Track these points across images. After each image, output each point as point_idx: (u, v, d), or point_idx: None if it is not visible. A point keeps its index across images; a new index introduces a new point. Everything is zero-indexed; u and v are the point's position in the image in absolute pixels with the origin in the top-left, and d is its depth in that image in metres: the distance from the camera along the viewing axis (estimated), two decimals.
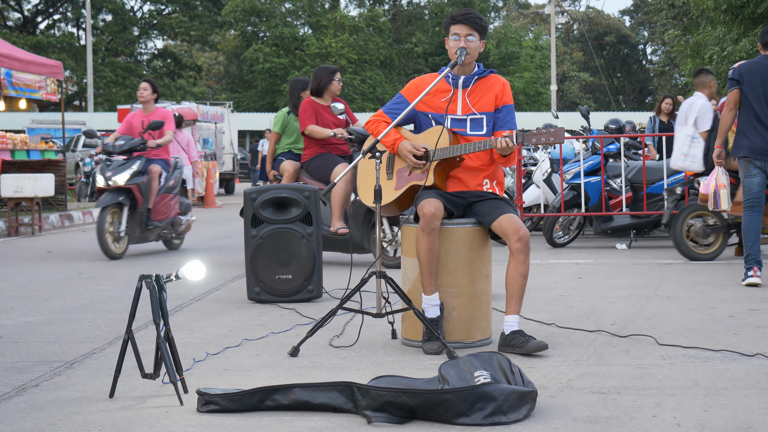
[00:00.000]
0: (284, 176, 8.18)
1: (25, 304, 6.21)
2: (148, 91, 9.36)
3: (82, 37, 49.29)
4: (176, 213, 9.62)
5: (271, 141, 8.60)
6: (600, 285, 6.76)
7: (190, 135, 15.64)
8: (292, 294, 6.12)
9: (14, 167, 13.18)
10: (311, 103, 8.03)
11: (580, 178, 9.58)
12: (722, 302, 5.87)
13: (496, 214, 4.46)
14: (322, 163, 7.94)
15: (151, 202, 9.10)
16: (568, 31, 60.71)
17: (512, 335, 4.37)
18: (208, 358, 4.38)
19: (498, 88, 4.63)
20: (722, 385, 3.72)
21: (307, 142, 8.08)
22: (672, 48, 26.44)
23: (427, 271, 4.42)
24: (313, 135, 7.91)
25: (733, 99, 6.76)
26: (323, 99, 8.12)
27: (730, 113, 6.82)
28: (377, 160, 4.44)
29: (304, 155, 8.13)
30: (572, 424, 3.21)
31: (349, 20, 48.50)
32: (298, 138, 8.41)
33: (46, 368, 4.22)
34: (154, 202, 9.14)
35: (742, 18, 18.25)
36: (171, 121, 9.36)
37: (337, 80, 8.12)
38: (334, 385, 3.42)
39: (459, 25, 4.57)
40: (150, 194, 9.09)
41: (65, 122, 18.09)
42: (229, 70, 56.44)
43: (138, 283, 3.59)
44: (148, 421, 3.33)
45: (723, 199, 7.25)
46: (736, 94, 6.76)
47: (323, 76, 8.10)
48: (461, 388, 3.25)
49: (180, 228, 9.70)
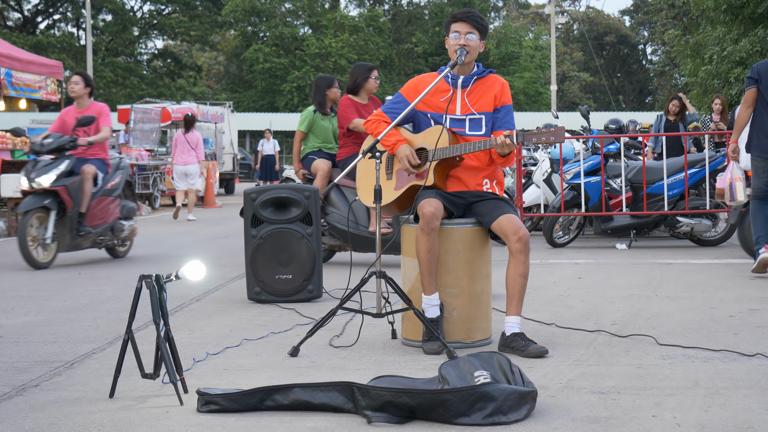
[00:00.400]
0: (318, 175, 8.00)
1: (25, 304, 6.21)
2: (80, 86, 8.60)
3: (82, 37, 49.30)
4: (116, 218, 8.83)
5: (297, 140, 8.36)
6: (600, 285, 6.76)
7: (200, 135, 15.90)
8: (292, 294, 6.12)
9: (14, 167, 13.17)
10: (350, 99, 7.89)
11: (580, 178, 9.58)
12: (722, 302, 5.87)
13: (496, 215, 4.46)
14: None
15: (83, 206, 8.34)
16: (568, 31, 60.73)
17: (513, 337, 4.37)
18: (208, 358, 4.38)
19: (497, 89, 4.63)
20: (722, 385, 3.72)
21: (343, 140, 7.92)
22: (672, 48, 26.45)
23: (426, 271, 4.42)
24: (358, 129, 7.75)
25: (751, 97, 6.97)
26: (360, 97, 7.99)
27: (747, 111, 7.00)
28: (377, 160, 4.44)
29: (340, 154, 7.99)
30: (572, 424, 3.21)
31: (349, 20, 48.51)
32: (328, 137, 8.27)
33: (46, 368, 4.22)
34: (87, 205, 8.38)
35: (742, 18, 18.25)
36: (106, 116, 8.58)
37: (374, 78, 7.98)
38: (334, 385, 3.42)
39: (459, 23, 4.57)
40: (82, 197, 8.32)
41: None
42: (229, 70, 56.46)
43: (138, 283, 3.59)
44: (148, 421, 3.33)
45: (738, 191, 7.36)
46: (754, 93, 6.96)
47: (360, 73, 7.96)
48: (461, 388, 3.25)
49: (122, 234, 8.91)
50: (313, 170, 8.11)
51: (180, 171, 15.34)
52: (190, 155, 15.27)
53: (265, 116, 42.62)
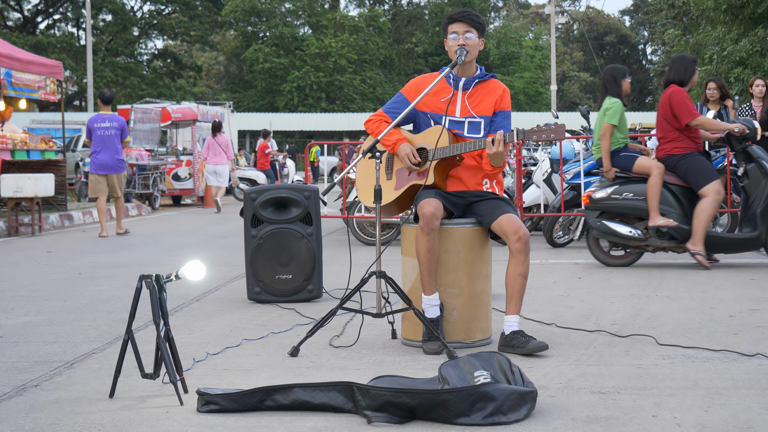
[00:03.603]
0: (655, 173, 7.57)
1: (25, 304, 6.21)
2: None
3: (82, 37, 49.31)
4: None
5: (607, 135, 7.77)
6: (600, 285, 6.76)
7: (228, 137, 18.11)
8: (292, 294, 6.12)
9: (14, 167, 13.17)
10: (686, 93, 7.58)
11: (580, 178, 9.58)
12: (722, 302, 5.87)
13: (496, 214, 4.46)
14: (694, 164, 7.50)
15: None
16: (568, 31, 60.73)
17: (512, 335, 4.38)
18: (208, 358, 4.38)
19: (498, 94, 4.63)
20: (722, 385, 3.72)
21: (676, 135, 7.55)
22: (672, 48, 26.45)
23: (426, 271, 4.42)
24: (704, 127, 7.55)
25: None
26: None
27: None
28: (377, 160, 4.44)
29: (676, 149, 7.57)
30: (572, 424, 3.22)
31: (349, 20, 48.53)
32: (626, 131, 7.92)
33: (46, 368, 4.22)
34: None
35: (742, 18, 18.26)
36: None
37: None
38: (334, 385, 3.42)
39: (456, 24, 4.58)
40: None
41: (65, 122, 18.09)
42: (229, 70, 56.46)
43: (138, 283, 3.59)
44: (148, 421, 3.33)
45: None
46: None
47: (688, 65, 7.62)
48: (461, 388, 3.25)
49: None
50: (639, 170, 7.68)
51: (212, 170, 17.46)
52: (220, 156, 17.34)
53: (265, 116, 42.61)
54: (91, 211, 14.86)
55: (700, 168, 7.49)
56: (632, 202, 7.68)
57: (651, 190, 7.52)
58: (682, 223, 7.53)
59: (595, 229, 7.76)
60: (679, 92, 7.53)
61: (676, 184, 7.65)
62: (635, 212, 7.68)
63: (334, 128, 44.17)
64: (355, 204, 9.92)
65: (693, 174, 7.49)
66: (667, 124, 7.61)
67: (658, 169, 7.54)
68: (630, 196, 7.68)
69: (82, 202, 18.06)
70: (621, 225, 7.68)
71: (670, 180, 7.64)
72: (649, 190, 7.53)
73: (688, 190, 7.62)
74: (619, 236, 7.67)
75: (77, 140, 24.64)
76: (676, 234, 7.55)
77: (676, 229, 7.52)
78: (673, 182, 7.65)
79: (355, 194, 9.83)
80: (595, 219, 7.79)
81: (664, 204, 7.60)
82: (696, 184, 7.50)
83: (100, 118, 11.90)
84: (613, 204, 7.74)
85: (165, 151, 21.36)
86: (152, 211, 17.83)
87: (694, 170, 7.49)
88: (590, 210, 7.89)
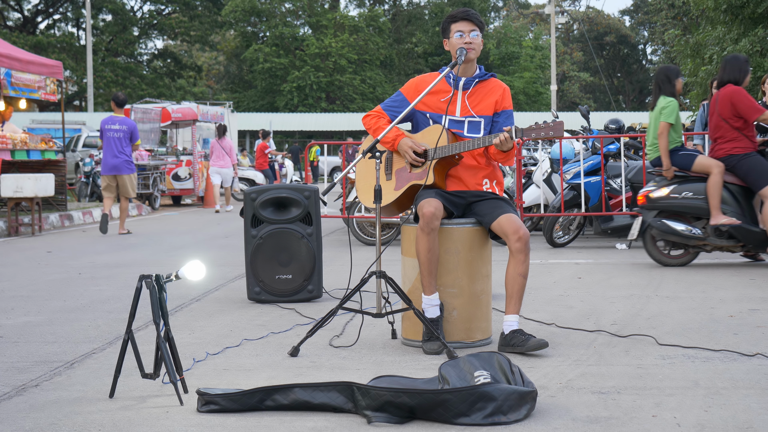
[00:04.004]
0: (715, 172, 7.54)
1: (25, 304, 6.21)
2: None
3: (82, 37, 49.31)
4: None
5: (664, 134, 7.70)
6: (600, 285, 6.76)
7: (231, 142, 18.60)
8: (292, 294, 6.12)
9: (14, 167, 13.17)
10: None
11: (580, 178, 9.58)
12: (722, 302, 5.87)
13: (496, 214, 4.46)
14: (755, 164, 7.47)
15: None
16: (568, 31, 60.73)
17: (512, 334, 4.38)
18: (208, 358, 4.38)
19: (498, 94, 4.64)
20: (722, 385, 3.72)
21: (735, 134, 7.52)
22: (672, 48, 26.43)
23: (426, 271, 4.42)
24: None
25: None
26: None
27: None
28: (377, 160, 4.44)
29: (736, 148, 7.54)
30: (572, 424, 3.22)
31: (349, 20, 48.53)
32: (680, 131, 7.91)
33: (46, 368, 4.22)
34: None
35: (742, 18, 18.24)
36: None
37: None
38: (334, 385, 3.42)
39: (461, 23, 4.58)
40: None
41: (65, 122, 18.09)
42: (229, 70, 56.46)
43: (138, 283, 3.59)
44: (148, 421, 3.33)
45: None
46: None
47: (741, 65, 7.61)
48: (461, 388, 3.25)
49: None
50: (699, 168, 7.67)
51: (215, 172, 18.05)
52: (224, 159, 17.85)
53: (265, 116, 42.62)
54: (92, 211, 14.87)
55: (760, 168, 7.48)
56: (692, 201, 7.64)
57: (712, 189, 7.49)
58: (743, 222, 7.53)
59: (654, 228, 7.71)
60: (739, 91, 7.52)
61: (734, 183, 7.64)
62: (694, 211, 7.64)
63: (334, 128, 44.19)
64: (355, 204, 9.92)
65: (754, 174, 7.48)
66: (725, 123, 7.57)
67: (719, 168, 7.53)
68: (689, 195, 7.64)
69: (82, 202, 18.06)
70: (680, 224, 7.65)
71: (728, 179, 7.62)
72: (710, 189, 7.50)
73: (745, 189, 7.61)
74: (678, 235, 7.64)
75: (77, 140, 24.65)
76: (736, 233, 7.54)
77: (737, 227, 7.50)
78: (730, 181, 7.64)
79: (355, 194, 9.83)
80: (654, 218, 7.74)
81: (723, 203, 7.59)
82: (756, 185, 7.48)
83: (111, 120, 12.16)
84: (671, 203, 7.70)
85: (165, 151, 21.36)
86: (152, 211, 17.83)
87: (755, 171, 7.47)
88: (647, 209, 7.81)
